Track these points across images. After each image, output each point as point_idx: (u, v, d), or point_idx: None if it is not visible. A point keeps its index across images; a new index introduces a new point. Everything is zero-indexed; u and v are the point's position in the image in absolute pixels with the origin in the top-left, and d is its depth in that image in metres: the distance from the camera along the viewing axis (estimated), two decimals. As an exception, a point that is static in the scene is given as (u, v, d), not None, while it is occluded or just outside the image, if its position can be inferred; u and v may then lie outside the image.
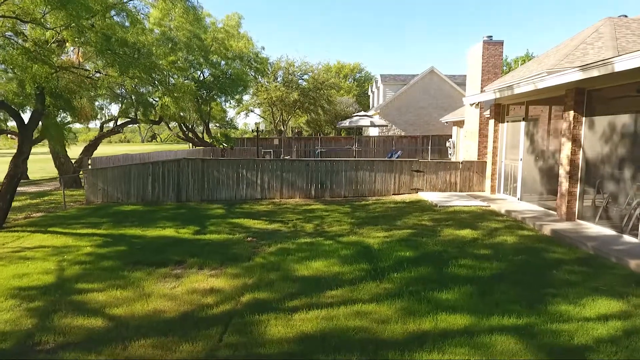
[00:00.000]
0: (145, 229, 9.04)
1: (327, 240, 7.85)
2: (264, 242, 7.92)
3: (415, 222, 9.27)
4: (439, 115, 33.52)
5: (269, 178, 12.97)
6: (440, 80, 33.41)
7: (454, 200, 11.61)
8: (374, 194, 13.01)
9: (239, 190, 13.00)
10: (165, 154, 19.43)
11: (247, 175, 12.96)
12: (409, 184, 13.07)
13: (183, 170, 12.89)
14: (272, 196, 12.99)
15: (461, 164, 13.08)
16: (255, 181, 12.98)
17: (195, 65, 18.57)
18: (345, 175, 13.00)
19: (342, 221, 9.60)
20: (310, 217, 10.20)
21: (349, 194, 13.03)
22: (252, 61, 24.04)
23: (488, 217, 9.66)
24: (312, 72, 38.11)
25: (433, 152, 30.54)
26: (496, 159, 12.52)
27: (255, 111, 44.56)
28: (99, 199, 12.87)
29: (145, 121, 17.31)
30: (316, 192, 13.03)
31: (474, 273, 5.79)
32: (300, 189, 13.02)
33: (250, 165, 12.96)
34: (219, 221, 9.82)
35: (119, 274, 6.09)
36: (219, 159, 13.08)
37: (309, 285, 5.52)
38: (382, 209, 10.94)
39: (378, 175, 12.99)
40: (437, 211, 10.38)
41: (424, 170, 13.00)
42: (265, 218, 10.21)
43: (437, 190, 13.07)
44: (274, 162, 13.03)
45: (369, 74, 61.77)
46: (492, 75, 20.02)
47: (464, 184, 13.10)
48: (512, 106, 12.11)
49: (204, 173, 12.92)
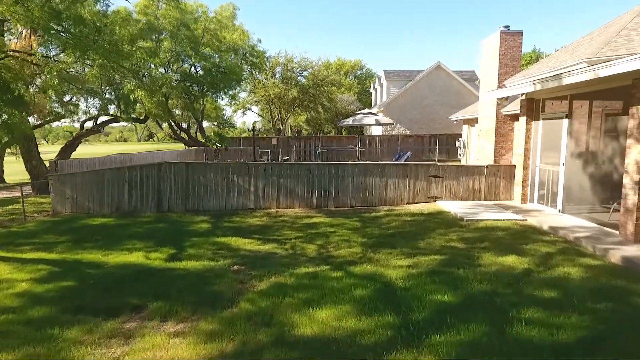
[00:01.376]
0: (108, 253, 7.29)
1: (335, 272, 6.10)
2: (254, 272, 6.17)
3: (442, 242, 7.52)
4: (446, 113, 31.75)
5: (264, 185, 11.22)
6: (447, 76, 31.65)
7: (481, 211, 9.87)
8: (385, 203, 11.26)
9: (229, 199, 11.25)
10: (152, 156, 17.68)
11: (238, 181, 11.20)
12: (425, 192, 11.32)
13: (164, 176, 11.13)
14: (267, 206, 11.24)
15: (486, 169, 11.33)
16: (248, 188, 11.22)
17: (183, 57, 16.78)
18: (352, 182, 11.25)
19: (351, 240, 7.84)
20: (313, 234, 8.45)
21: (356, 203, 11.29)
22: (248, 55, 22.29)
23: (530, 235, 7.90)
24: (312, 68, 36.34)
25: (441, 153, 28.79)
26: (528, 162, 10.77)
27: (252, 109, 42.74)
28: (67, 209, 11.11)
29: (127, 119, 15.59)
30: (318, 201, 11.28)
31: (552, 337, 4.02)
32: (300, 197, 11.27)
33: (242, 170, 11.20)
34: (201, 240, 8.06)
35: (47, 332, 4.33)
36: (206, 163, 11.32)
37: (314, 355, 3.78)
38: (398, 223, 9.19)
39: (390, 182, 11.24)
40: (465, 227, 8.63)
41: (443, 176, 11.25)
42: (258, 236, 8.46)
43: (459, 198, 11.32)
44: (270, 167, 11.28)
45: (370, 71, 59.96)
46: (510, 69, 18.27)
47: (489, 191, 11.36)
48: (549, 101, 10.35)
49: (189, 179, 11.16)
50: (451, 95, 31.73)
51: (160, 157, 18.31)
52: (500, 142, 18.60)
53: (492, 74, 18.61)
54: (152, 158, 17.63)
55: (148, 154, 18.06)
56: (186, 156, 21.70)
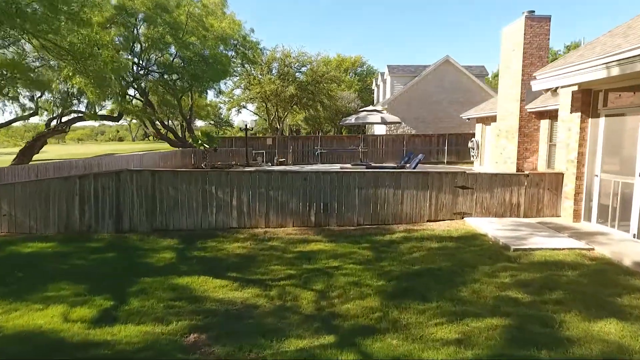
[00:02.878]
0: (14, 307, 5.05)
1: (345, 351, 3.88)
2: (218, 349, 3.98)
3: (493, 290, 5.28)
4: (454, 110, 29.52)
5: (250, 198, 8.98)
6: (456, 71, 29.42)
7: (527, 235, 7.64)
8: (400, 220, 9.03)
9: (206, 216, 9.00)
10: (127, 160, 15.42)
11: (217, 193, 8.96)
12: (450, 207, 9.08)
13: (125, 187, 8.88)
14: (254, 224, 9.00)
15: (526, 178, 9.09)
16: (230, 202, 8.98)
17: (160, 45, 14.49)
18: (359, 194, 9.01)
19: (362, 284, 5.61)
20: (309, 271, 6.21)
21: (364, 220, 9.05)
22: (239, 46, 20.03)
23: (614, 277, 5.67)
24: (310, 63, 34.05)
25: (450, 154, 26.58)
26: (583, 170, 8.53)
27: (248, 107, 40.46)
28: (3, 229, 8.87)
29: (92, 117, 13.35)
30: (317, 219, 9.04)
31: None
32: (295, 213, 9.03)
33: (221, 180, 8.96)
34: (155, 283, 5.81)
35: None
36: (176, 171, 9.07)
37: None
38: (423, 253, 6.94)
39: (407, 194, 9.01)
40: (516, 261, 6.39)
41: (473, 187, 9.02)
42: (236, 273, 6.23)
43: (492, 214, 9.09)
44: (257, 176, 9.02)
45: (371, 68, 57.68)
46: (536, 60, 16.04)
47: (530, 206, 9.12)
48: (612, 93, 8.10)
49: (155, 191, 8.92)
50: (460, 92, 29.51)
51: (137, 160, 16.05)
52: (525, 142, 16.40)
53: (514, 66, 16.39)
54: (127, 162, 15.37)
55: (123, 157, 15.80)
56: (170, 159, 19.46)
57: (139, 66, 15.79)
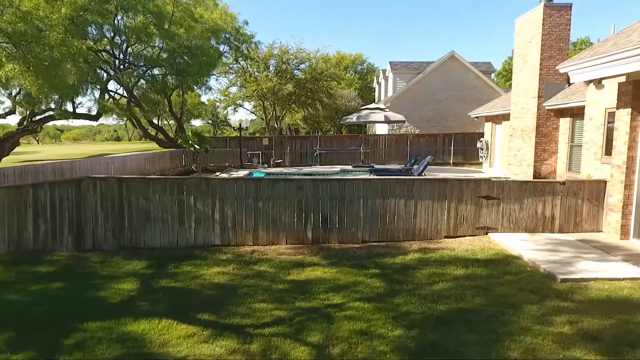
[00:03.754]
0: None
1: None
2: None
3: (553, 349, 3.86)
4: (460, 109, 28.15)
5: (235, 210, 7.58)
6: (462, 68, 28.01)
7: (571, 257, 6.25)
8: (414, 236, 7.63)
9: (184, 232, 7.61)
10: (107, 163, 14.01)
11: (196, 205, 7.56)
12: (472, 220, 7.68)
13: (86, 198, 7.48)
14: (240, 241, 7.60)
15: (562, 186, 7.68)
16: (212, 216, 7.57)
17: (142, 36, 13.06)
18: (364, 205, 7.61)
19: (373, 335, 4.22)
20: (304, 312, 4.81)
21: (371, 236, 7.65)
22: (232, 39, 18.61)
23: None
24: (309, 60, 32.59)
25: (456, 154, 25.18)
26: (633, 178, 7.13)
27: (245, 106, 38.97)
28: (-58, 248, 7.48)
29: (63, 115, 11.97)
30: (315, 234, 7.64)
31: None
32: (289, 228, 7.62)
33: (201, 189, 7.55)
34: (101, 330, 4.41)
35: None
36: (148, 179, 7.65)
37: None
38: (447, 284, 5.54)
39: (421, 205, 7.60)
40: (568, 297, 4.99)
41: (499, 197, 7.61)
42: (209, 315, 4.83)
43: (521, 229, 7.69)
44: (243, 184, 7.61)
45: (372, 66, 56.28)
46: (555, 52, 14.64)
47: (566, 219, 7.72)
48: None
49: (123, 202, 7.52)
50: (466, 90, 28.12)
51: (119, 163, 14.65)
52: (542, 143, 15.00)
53: (532, 59, 14.99)
54: (107, 166, 13.97)
55: (104, 160, 14.36)
56: (158, 161, 18.06)
57: (118, 59, 14.30)
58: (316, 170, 20.13)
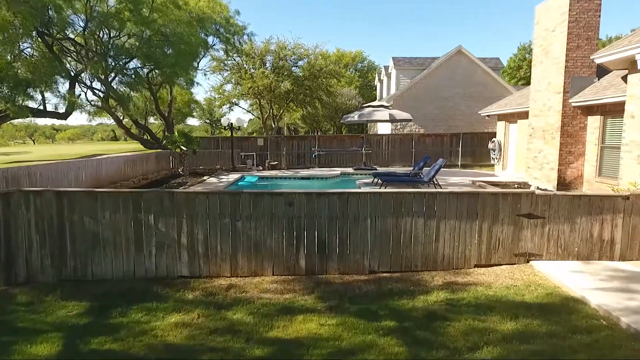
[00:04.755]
0: None
1: None
2: None
3: None
4: (468, 107, 26.54)
5: (208, 232, 5.93)
6: (469, 64, 26.37)
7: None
8: (435, 265, 5.99)
9: (142, 259, 5.97)
10: (78, 166, 12.35)
11: (158, 226, 5.91)
12: (510, 245, 6.04)
13: (17, 216, 5.84)
14: (214, 271, 5.97)
15: (625, 201, 6.03)
16: (177, 239, 5.93)
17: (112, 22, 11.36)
18: (373, 226, 5.97)
19: None
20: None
21: (381, 265, 6.01)
22: (222, 30, 16.95)
23: None
24: (308, 56, 30.93)
25: (465, 155, 23.54)
26: None
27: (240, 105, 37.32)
28: None
29: (19, 113, 10.32)
30: (310, 263, 6.00)
31: None
32: (276, 254, 5.98)
33: (164, 206, 5.90)
34: None
35: None
36: (96, 192, 5.98)
37: None
38: (493, 348, 3.89)
39: (444, 225, 5.96)
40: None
41: (545, 215, 5.97)
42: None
43: (572, 256, 6.05)
44: (218, 200, 5.94)
45: (372, 64, 54.58)
46: (583, 42, 13.00)
47: (630, 243, 6.07)
48: None
49: (65, 221, 5.87)
50: (474, 87, 26.50)
51: (92, 168, 13.01)
52: (568, 144, 13.36)
53: (556, 50, 13.34)
54: (77, 170, 12.32)
55: (74, 163, 12.68)
56: (141, 163, 16.41)
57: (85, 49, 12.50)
58: (314, 174, 18.48)
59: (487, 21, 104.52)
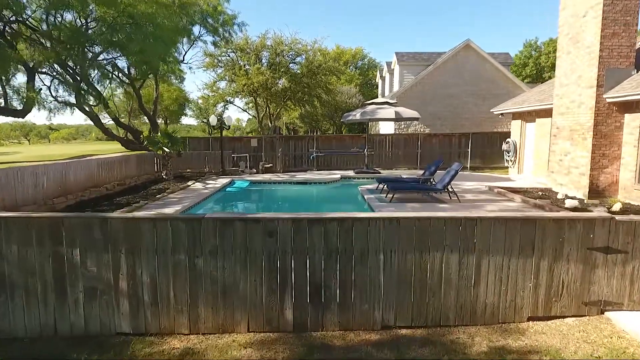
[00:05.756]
0: None
1: None
2: None
3: None
4: (476, 105, 24.90)
5: (157, 273, 4.24)
6: (478, 59, 24.69)
7: None
8: (475, 318, 4.31)
9: (66, 310, 4.28)
10: (34, 172, 10.64)
11: (87, 263, 4.22)
12: (579, 289, 4.36)
13: None
14: (166, 326, 4.28)
15: None
16: (115, 282, 4.25)
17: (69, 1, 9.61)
18: (387, 265, 4.28)
19: None
20: None
21: (398, 319, 4.32)
22: (209, 18, 15.26)
23: None
24: (306, 52, 29.19)
25: (474, 157, 21.86)
26: None
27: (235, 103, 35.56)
28: None
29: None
30: (300, 315, 4.31)
31: None
32: (252, 303, 4.29)
33: (94, 237, 4.21)
34: None
35: None
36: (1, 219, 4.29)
37: None
38: None
39: (487, 264, 4.28)
40: None
41: (628, 249, 4.28)
42: None
43: (663, 305, 4.37)
44: (170, 228, 4.25)
45: (373, 61, 52.90)
46: (620, 28, 11.28)
47: None
48: None
49: (-45, 259, 4.18)
50: (483, 83, 24.84)
51: (58, 172, 11.31)
52: (602, 146, 11.67)
53: (589, 37, 11.66)
54: (36, 178, 10.62)
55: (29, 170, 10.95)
56: (119, 167, 14.69)
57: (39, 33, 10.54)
58: (312, 178, 16.79)
59: (491, 17, 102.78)
